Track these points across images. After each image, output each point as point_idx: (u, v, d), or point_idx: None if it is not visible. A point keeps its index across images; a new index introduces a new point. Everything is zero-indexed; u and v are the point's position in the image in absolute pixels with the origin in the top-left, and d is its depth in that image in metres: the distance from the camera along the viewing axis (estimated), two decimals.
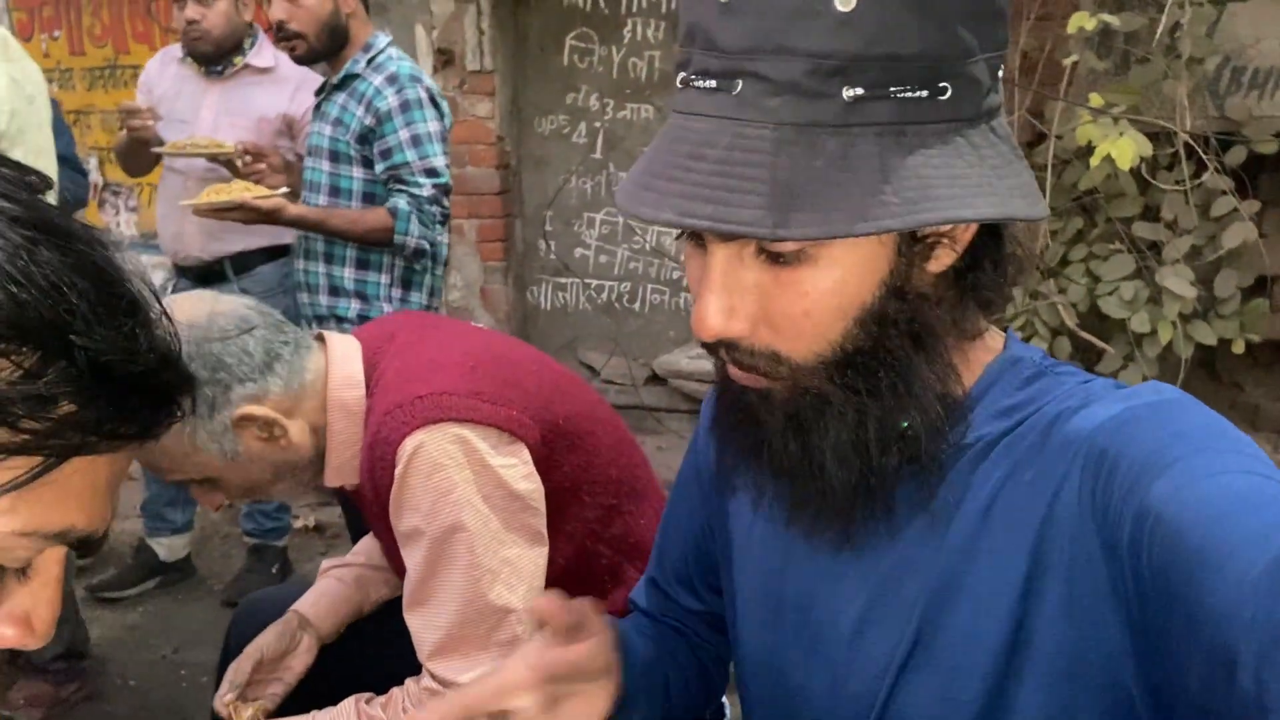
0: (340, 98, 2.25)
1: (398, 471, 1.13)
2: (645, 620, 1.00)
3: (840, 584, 0.74)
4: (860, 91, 0.56)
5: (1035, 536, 0.64)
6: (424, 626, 1.17)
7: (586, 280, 4.06)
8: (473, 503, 1.13)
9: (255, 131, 2.57)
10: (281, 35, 2.22)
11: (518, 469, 1.17)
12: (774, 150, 0.56)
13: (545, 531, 1.21)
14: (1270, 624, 0.48)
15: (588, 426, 1.31)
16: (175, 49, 2.72)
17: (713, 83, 0.58)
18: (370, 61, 2.24)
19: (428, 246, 2.24)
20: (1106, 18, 2.50)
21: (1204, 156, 2.55)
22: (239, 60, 2.62)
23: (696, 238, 0.64)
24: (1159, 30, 2.53)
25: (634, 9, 3.77)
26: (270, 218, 2.18)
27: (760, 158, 0.56)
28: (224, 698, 1.30)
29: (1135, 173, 2.56)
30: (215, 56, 2.60)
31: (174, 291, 2.78)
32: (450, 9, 3.73)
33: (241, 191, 2.17)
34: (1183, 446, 0.58)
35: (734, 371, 0.67)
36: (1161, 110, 2.62)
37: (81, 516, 0.51)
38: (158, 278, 3.27)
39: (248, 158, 2.37)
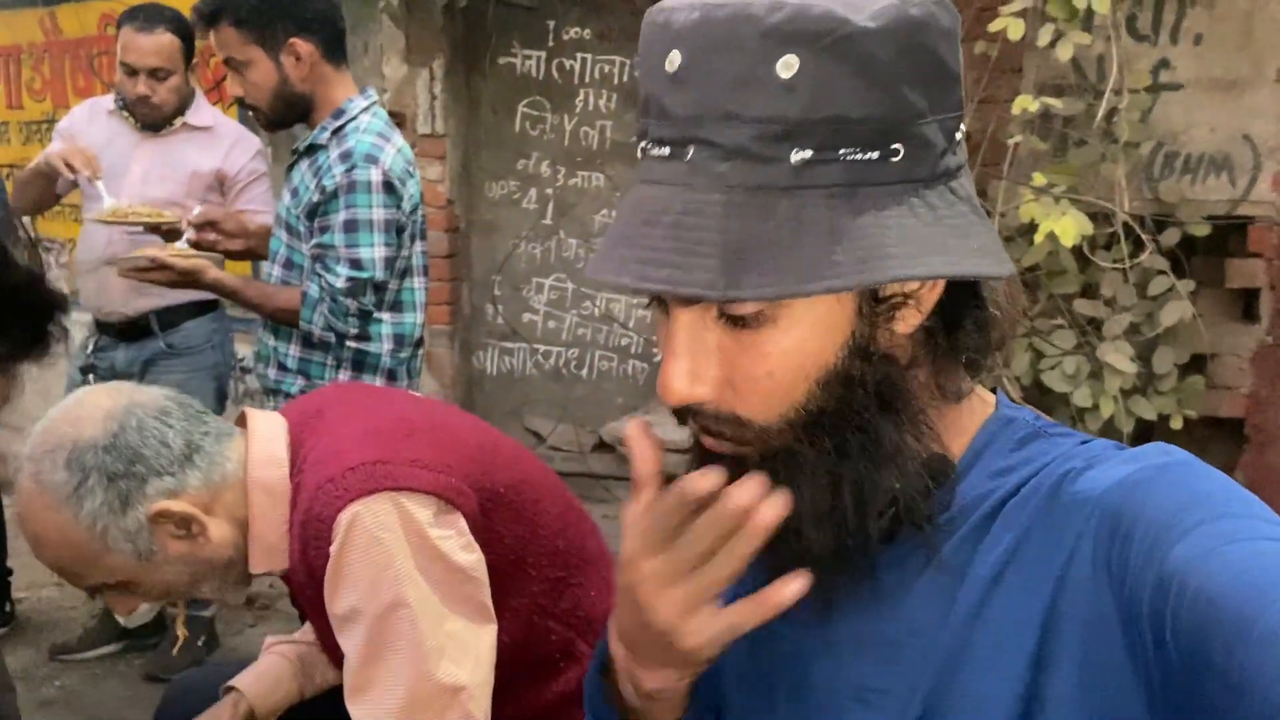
0: (304, 165, 2.12)
1: (333, 547, 1.07)
2: None
3: (835, 654, 0.71)
4: (809, 154, 0.57)
5: (1048, 602, 0.62)
6: (369, 715, 1.09)
7: (534, 346, 4.03)
8: (413, 577, 1.07)
9: (186, 186, 2.54)
10: (244, 107, 2.18)
11: (454, 540, 1.11)
12: (725, 214, 0.57)
13: (490, 604, 1.15)
14: None
15: (531, 495, 1.26)
16: (106, 100, 2.70)
17: (666, 150, 0.60)
18: (336, 131, 2.06)
19: (333, 338, 2.08)
20: (1049, 101, 2.58)
21: (1142, 236, 2.62)
22: (177, 120, 2.61)
23: (662, 304, 0.65)
24: (1097, 115, 2.62)
25: (586, 79, 3.81)
26: (190, 278, 2.10)
27: (712, 222, 0.57)
28: None
29: (1075, 250, 2.62)
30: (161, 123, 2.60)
31: (95, 349, 2.68)
32: (403, 73, 3.73)
33: (158, 250, 2.11)
34: (1201, 511, 0.57)
35: (706, 440, 0.67)
36: (1099, 191, 2.69)
37: None
38: (79, 335, 3.16)
39: (191, 232, 2.27)
